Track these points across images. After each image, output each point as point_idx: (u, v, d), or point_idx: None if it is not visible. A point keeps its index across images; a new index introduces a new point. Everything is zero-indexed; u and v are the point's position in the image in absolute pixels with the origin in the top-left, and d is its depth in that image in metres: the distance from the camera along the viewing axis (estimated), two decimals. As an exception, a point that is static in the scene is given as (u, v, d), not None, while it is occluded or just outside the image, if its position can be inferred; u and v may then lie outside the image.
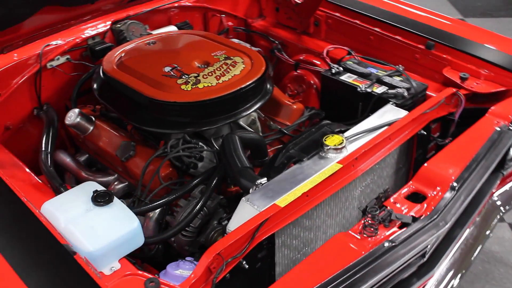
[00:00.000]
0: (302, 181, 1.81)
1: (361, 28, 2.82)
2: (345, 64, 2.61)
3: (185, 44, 2.56)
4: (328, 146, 1.92)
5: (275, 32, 3.13)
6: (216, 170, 2.06)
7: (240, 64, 2.33)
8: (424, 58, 2.62)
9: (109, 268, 1.65)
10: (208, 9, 3.08)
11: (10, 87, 2.40)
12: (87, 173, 2.46)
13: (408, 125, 2.13)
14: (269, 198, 1.76)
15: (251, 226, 1.64)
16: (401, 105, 2.31)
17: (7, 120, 2.46)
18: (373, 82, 2.46)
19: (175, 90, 2.17)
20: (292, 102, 2.59)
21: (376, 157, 2.03)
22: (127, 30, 2.72)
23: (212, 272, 1.58)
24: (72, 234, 1.67)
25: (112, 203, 1.78)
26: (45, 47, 2.47)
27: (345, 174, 1.92)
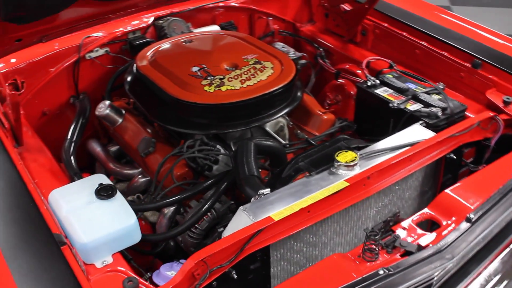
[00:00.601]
0: (305, 195, 1.76)
1: (408, 41, 2.70)
2: (383, 77, 2.51)
3: (219, 45, 2.56)
4: (339, 162, 1.85)
5: (322, 38, 3.07)
6: (227, 175, 2.05)
7: (269, 70, 2.29)
8: (469, 77, 2.48)
9: (101, 262, 1.67)
10: (255, 11, 3.06)
11: (49, 74, 2.49)
12: (114, 165, 2.52)
13: (433, 147, 2.01)
14: (267, 210, 1.72)
15: (240, 236, 1.60)
16: (433, 125, 2.19)
17: (44, 106, 2.57)
18: (408, 98, 2.35)
19: (198, 91, 2.17)
20: (323, 112, 2.53)
21: (393, 178, 1.94)
22: (168, 27, 2.75)
23: (196, 278, 1.56)
24: (70, 223, 1.71)
25: (114, 198, 1.80)
26: (85, 39, 2.55)
27: (354, 192, 1.84)
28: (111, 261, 1.67)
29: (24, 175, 1.81)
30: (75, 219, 1.72)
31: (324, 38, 3.06)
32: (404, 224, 1.80)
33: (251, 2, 3.03)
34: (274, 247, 1.77)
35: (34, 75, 2.47)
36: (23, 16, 2.01)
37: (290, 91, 2.29)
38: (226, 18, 2.98)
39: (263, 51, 2.45)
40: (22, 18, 2.03)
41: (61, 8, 2.14)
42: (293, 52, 2.97)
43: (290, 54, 2.94)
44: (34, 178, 2.02)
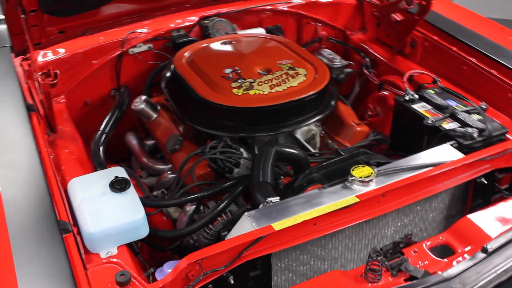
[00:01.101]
0: (312, 207, 1.72)
1: (456, 56, 2.58)
2: (424, 92, 2.41)
3: (257, 48, 2.56)
4: (354, 177, 1.79)
5: (371, 48, 2.99)
6: (244, 179, 2.04)
7: (301, 77, 2.27)
8: None
9: (106, 252, 1.71)
10: (303, 16, 3.03)
11: (92, 66, 2.59)
12: (147, 159, 2.57)
13: (460, 170, 1.91)
14: (271, 218, 1.70)
15: (238, 242, 1.60)
16: (467, 147, 2.09)
17: (87, 96, 2.67)
18: (445, 116, 2.25)
19: (227, 93, 2.18)
20: (357, 124, 2.46)
21: (413, 197, 1.86)
22: (212, 27, 2.78)
23: (190, 280, 1.57)
24: (81, 212, 1.77)
25: (126, 192, 1.84)
26: (129, 34, 2.62)
27: (367, 209, 1.78)
28: (116, 253, 1.71)
29: (46, 162, 1.88)
30: (86, 209, 1.78)
31: (373, 48, 2.98)
32: (416, 247, 1.73)
33: (300, 7, 3.01)
34: (277, 257, 1.74)
35: (77, 66, 2.57)
36: (62, 9, 2.10)
37: (321, 99, 2.25)
38: (273, 21, 2.97)
39: (300, 58, 2.42)
40: (61, 11, 2.12)
41: (100, 3, 2.21)
42: (339, 60, 2.92)
43: (335, 62, 2.89)
44: (62, 165, 2.11)
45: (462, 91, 2.51)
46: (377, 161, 1.99)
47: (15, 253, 1.53)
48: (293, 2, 2.99)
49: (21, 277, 1.46)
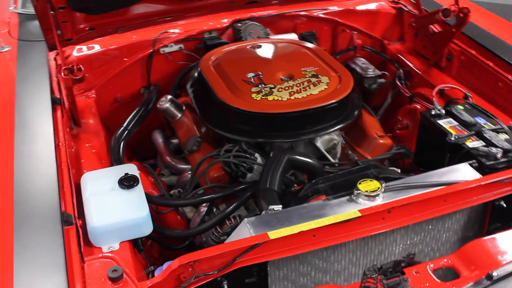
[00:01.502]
0: (313, 218, 1.69)
1: (492, 72, 2.48)
2: (452, 107, 2.33)
3: (284, 54, 2.54)
4: (359, 190, 1.75)
5: (407, 59, 2.92)
6: (254, 184, 2.03)
7: (323, 85, 2.24)
8: None
9: (108, 247, 1.75)
10: (339, 23, 2.98)
11: (123, 63, 2.65)
12: (170, 157, 2.61)
13: (474, 191, 1.83)
14: (270, 226, 1.69)
15: (232, 248, 1.59)
16: (489, 167, 2.00)
17: (117, 93, 2.74)
18: (470, 134, 2.16)
19: (245, 97, 2.18)
20: (380, 136, 2.41)
21: (421, 216, 1.79)
22: (244, 30, 2.79)
23: (182, 281, 1.58)
24: (88, 206, 1.82)
25: (133, 189, 1.88)
26: (161, 33, 2.67)
27: (371, 225, 1.73)
28: (117, 248, 1.75)
29: (62, 154, 1.94)
30: (93, 203, 1.83)
31: (409, 59, 2.91)
32: (419, 267, 1.67)
33: (336, 14, 2.97)
34: (275, 265, 1.73)
35: (109, 63, 2.64)
36: (91, 7, 2.16)
37: (341, 108, 2.21)
38: (308, 27, 2.95)
39: (326, 65, 2.39)
40: (90, 9, 2.18)
41: (129, 3, 2.26)
42: (373, 69, 2.87)
43: (369, 72, 2.85)
44: (81, 159, 2.17)
45: (495, 109, 2.41)
46: (387, 176, 1.94)
47: (16, 241, 1.59)
48: (329, 8, 2.96)
49: (18, 264, 1.52)
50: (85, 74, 2.38)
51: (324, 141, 2.39)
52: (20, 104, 2.17)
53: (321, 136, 2.31)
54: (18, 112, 2.12)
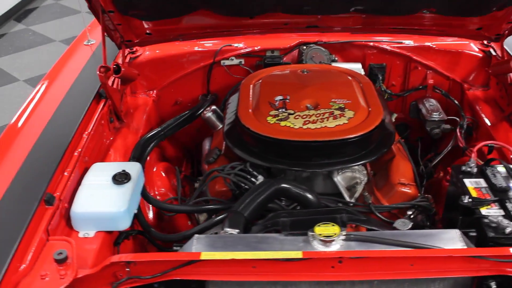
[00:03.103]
0: (258, 249, 1.67)
1: None
2: (489, 168, 2.08)
3: (325, 82, 2.48)
4: (313, 233, 1.68)
5: (482, 108, 2.63)
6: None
7: (344, 119, 2.15)
8: None
9: (83, 233, 1.92)
10: (411, 59, 2.81)
11: (185, 69, 2.81)
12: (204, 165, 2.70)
13: (449, 262, 1.63)
14: (213, 247, 1.70)
15: (165, 258, 1.64)
16: (492, 240, 1.77)
17: (179, 96, 2.91)
18: (492, 200, 1.92)
19: (260, 119, 2.19)
20: (403, 183, 2.23)
21: (382, 275, 1.65)
22: (307, 54, 2.77)
23: (118, 278, 1.67)
24: (79, 192, 2.00)
25: (123, 185, 2.01)
26: (224, 46, 2.77)
27: (319, 271, 1.64)
28: (91, 236, 1.91)
29: (77, 140, 2.14)
30: (83, 190, 2.01)
31: (483, 108, 2.62)
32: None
33: (410, 49, 2.79)
34: (218, 287, 1.73)
35: (173, 67, 2.82)
36: (140, 13, 2.33)
37: (355, 146, 2.11)
38: (378, 59, 2.82)
39: (362, 100, 2.28)
40: (140, 15, 2.35)
41: (181, 13, 2.38)
42: (439, 113, 2.69)
43: (434, 115, 2.67)
44: (109, 150, 2.37)
45: None
46: (357, 223, 1.82)
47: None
48: (404, 43, 2.80)
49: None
50: (138, 74, 2.59)
51: (346, 177, 2.28)
52: (70, 92, 2.43)
53: (340, 172, 2.23)
54: (64, 99, 2.38)
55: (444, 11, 2.36)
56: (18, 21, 6.89)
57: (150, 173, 2.46)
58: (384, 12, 2.39)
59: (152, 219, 2.35)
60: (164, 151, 2.83)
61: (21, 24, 6.81)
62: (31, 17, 7.02)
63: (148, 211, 2.35)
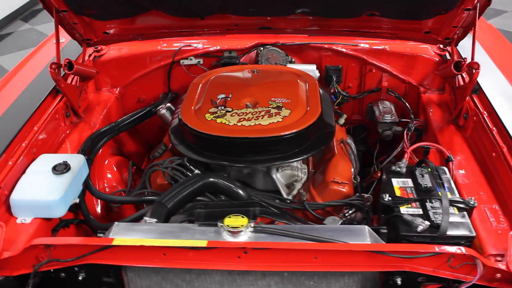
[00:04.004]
0: (170, 237, 1.75)
1: (492, 139, 2.20)
2: (418, 168, 2.13)
3: (271, 81, 2.54)
4: (222, 224, 1.75)
5: (434, 111, 2.66)
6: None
7: (278, 117, 2.22)
8: None
9: (21, 219, 2.02)
10: (366, 62, 2.85)
11: (147, 67, 2.91)
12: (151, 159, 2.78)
13: (354, 256, 1.68)
14: (129, 234, 1.78)
15: (81, 243, 1.74)
16: (404, 237, 1.83)
17: (141, 94, 3.00)
18: (413, 199, 1.97)
19: (199, 116, 2.27)
20: (336, 182, 2.28)
21: (286, 266, 1.72)
22: (263, 55, 2.84)
23: (40, 261, 1.77)
24: (20, 180, 2.11)
25: (62, 175, 2.11)
26: (184, 46, 2.86)
27: (226, 260, 1.71)
28: (28, 222, 2.01)
29: (30, 134, 2.25)
30: (23, 179, 2.11)
31: (434, 111, 2.66)
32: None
33: (365, 52, 2.83)
34: (136, 273, 1.82)
35: (134, 66, 2.92)
36: (93, 13, 2.43)
37: (285, 145, 2.17)
38: (334, 61, 2.88)
39: (303, 99, 2.34)
40: (93, 15, 2.44)
41: (132, 13, 2.47)
42: (391, 115, 2.74)
43: (385, 117, 2.72)
44: (63, 144, 2.48)
45: (485, 181, 2.14)
46: (269, 215, 1.88)
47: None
48: (359, 45, 2.85)
49: None
50: (96, 72, 2.70)
51: (285, 175, 2.35)
52: (30, 87, 2.55)
53: (280, 169, 2.30)
54: (22, 93, 2.50)
55: (387, 14, 2.40)
56: (25, 21, 7.12)
57: (101, 166, 2.57)
58: (329, 14, 2.45)
59: (100, 210, 2.45)
60: (124, 146, 2.92)
61: (28, 24, 7.03)
62: (39, 17, 7.25)
63: (96, 202, 2.45)
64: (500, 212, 1.98)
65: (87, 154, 2.43)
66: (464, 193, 2.08)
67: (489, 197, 2.07)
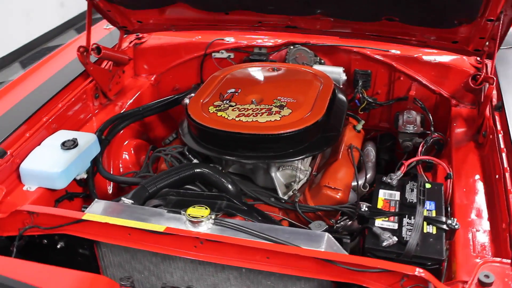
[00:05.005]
0: (138, 220, 1.83)
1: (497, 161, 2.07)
2: (409, 183, 2.05)
3: (286, 80, 2.55)
4: (184, 212, 1.81)
5: (458, 126, 2.53)
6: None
7: (276, 116, 2.23)
8: None
9: (27, 187, 2.22)
10: (395, 69, 2.75)
11: (181, 57, 3.02)
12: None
13: (306, 262, 1.66)
14: (105, 211, 1.90)
15: (61, 214, 1.87)
16: (369, 250, 1.78)
17: (176, 83, 3.12)
18: (390, 213, 1.91)
19: (204, 108, 2.33)
20: (329, 186, 2.24)
21: (238, 262, 1.74)
22: (291, 53, 2.84)
23: (25, 225, 1.94)
24: (32, 152, 2.30)
25: (67, 151, 2.28)
26: (216, 40, 2.94)
27: (184, 248, 1.77)
28: (32, 190, 2.20)
29: (53, 111, 2.44)
30: (35, 151, 2.30)
31: (458, 125, 2.52)
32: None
33: (395, 59, 2.74)
34: (108, 249, 1.93)
35: (171, 55, 3.04)
36: (125, 2, 2.56)
37: (278, 144, 2.18)
38: (363, 65, 2.80)
39: (310, 101, 2.33)
40: (126, 4, 2.57)
41: (164, 3, 2.58)
42: (414, 126, 2.64)
43: (408, 127, 2.63)
44: (87, 123, 2.66)
45: (485, 204, 2.03)
46: (233, 213, 1.91)
47: None
48: (390, 51, 2.76)
49: None
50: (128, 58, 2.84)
51: (285, 174, 2.36)
52: (68, 67, 2.75)
53: (281, 168, 2.31)
54: (59, 72, 2.71)
55: (407, 20, 2.32)
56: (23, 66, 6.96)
57: (119, 147, 2.71)
58: (346, 16, 2.40)
59: (112, 189, 2.60)
60: (152, 131, 3.04)
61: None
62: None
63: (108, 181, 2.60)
64: (488, 238, 1.87)
65: (105, 134, 2.58)
66: (457, 213, 1.99)
67: (483, 221, 1.95)
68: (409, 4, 2.22)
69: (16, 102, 2.48)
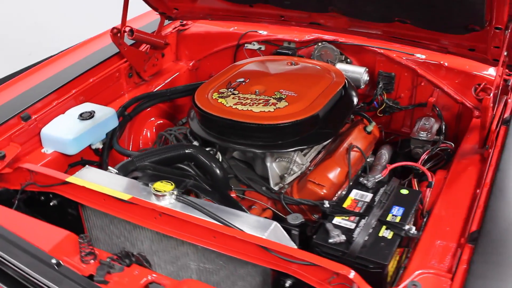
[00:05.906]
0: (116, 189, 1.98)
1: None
2: (386, 187, 2.03)
3: (294, 74, 2.58)
4: (150, 186, 1.94)
5: (469, 136, 2.43)
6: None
7: (271, 107, 2.28)
8: None
9: (45, 149, 2.48)
10: (418, 75, 2.67)
11: (217, 45, 3.16)
12: None
13: (244, 246, 1.73)
14: (93, 178, 2.06)
15: (52, 175, 2.09)
16: (315, 245, 1.81)
17: (212, 70, 3.26)
18: (352, 212, 1.91)
19: (208, 94, 2.44)
20: (315, 183, 2.26)
21: (189, 237, 1.83)
22: (317, 50, 2.86)
23: (26, 181, 2.18)
24: (54, 119, 2.55)
25: (83, 121, 2.51)
26: (249, 32, 3.03)
27: (145, 218, 1.90)
28: (48, 153, 2.45)
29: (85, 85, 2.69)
30: (57, 118, 2.55)
31: (470, 137, 2.40)
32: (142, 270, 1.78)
33: (418, 63, 2.65)
34: (93, 212, 2.10)
35: (207, 42, 3.18)
36: None
37: (267, 134, 2.23)
38: (387, 67, 2.75)
39: (312, 97, 2.36)
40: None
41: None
42: (427, 133, 2.57)
43: (420, 134, 2.58)
44: (118, 98, 2.88)
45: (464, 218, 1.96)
46: (197, 192, 2.00)
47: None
48: (415, 56, 2.68)
49: None
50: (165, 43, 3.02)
51: (280, 165, 2.41)
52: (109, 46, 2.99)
53: (278, 159, 2.38)
54: (99, 50, 2.96)
55: (417, 22, 2.26)
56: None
57: (142, 124, 2.91)
58: (357, 15, 2.38)
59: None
60: (182, 114, 3.21)
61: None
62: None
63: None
64: (451, 253, 1.81)
65: (129, 111, 2.78)
66: (430, 223, 1.94)
67: (454, 235, 1.88)
68: (417, 7, 2.18)
69: (52, 75, 2.75)
